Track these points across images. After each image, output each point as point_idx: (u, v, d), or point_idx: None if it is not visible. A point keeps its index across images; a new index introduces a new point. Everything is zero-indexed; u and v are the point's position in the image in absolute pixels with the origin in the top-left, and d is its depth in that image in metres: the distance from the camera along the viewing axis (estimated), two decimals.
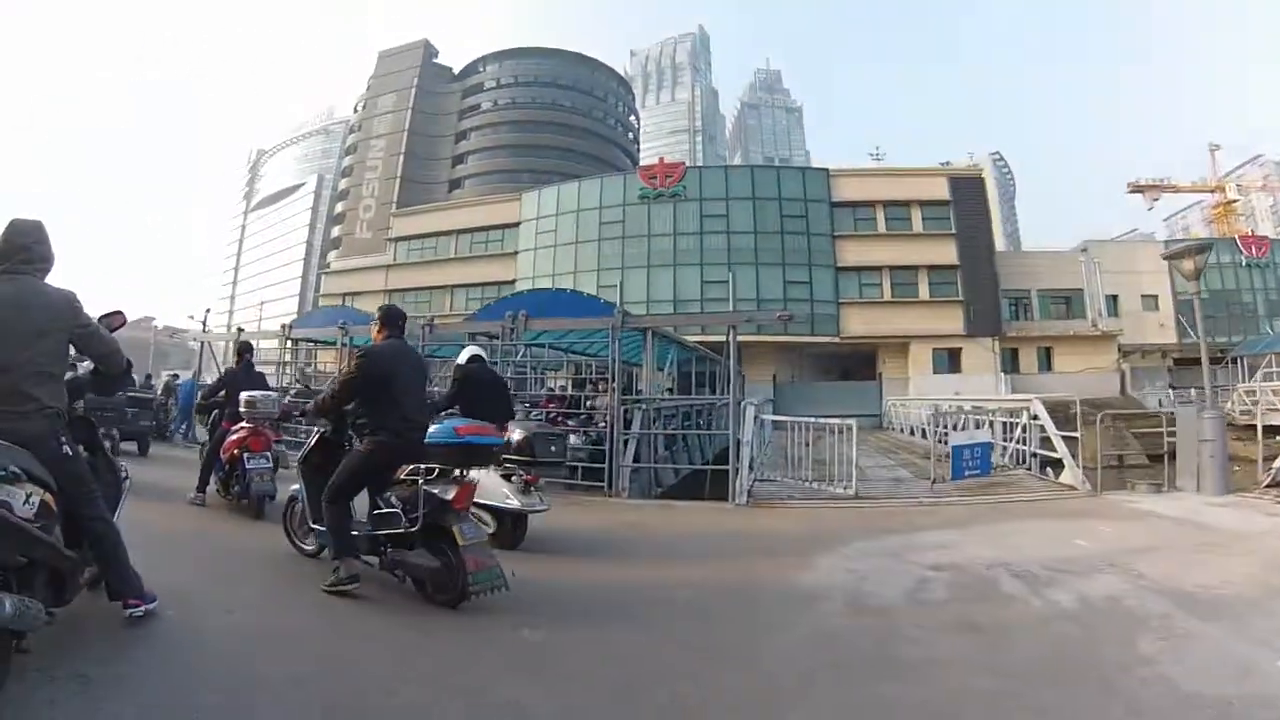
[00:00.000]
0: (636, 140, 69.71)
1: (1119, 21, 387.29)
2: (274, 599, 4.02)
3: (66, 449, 2.80)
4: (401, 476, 4.16)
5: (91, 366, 3.23)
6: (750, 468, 8.67)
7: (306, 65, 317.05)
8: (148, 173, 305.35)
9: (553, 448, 6.07)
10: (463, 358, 6.39)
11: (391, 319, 4.41)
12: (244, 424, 6.33)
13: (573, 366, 15.61)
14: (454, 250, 39.00)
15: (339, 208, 57.96)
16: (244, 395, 6.37)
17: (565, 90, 60.57)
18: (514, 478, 5.49)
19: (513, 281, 33.87)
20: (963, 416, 14.26)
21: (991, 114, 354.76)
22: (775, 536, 6.68)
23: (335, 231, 56.96)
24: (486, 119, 58.16)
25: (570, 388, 14.39)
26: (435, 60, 60.99)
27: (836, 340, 31.44)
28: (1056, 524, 6.79)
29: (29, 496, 2.36)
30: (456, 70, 61.64)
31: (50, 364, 2.80)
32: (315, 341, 16.78)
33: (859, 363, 32.94)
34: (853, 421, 9.10)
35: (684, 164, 40.44)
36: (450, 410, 5.57)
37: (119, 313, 3.33)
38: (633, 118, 70.78)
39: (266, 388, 7.42)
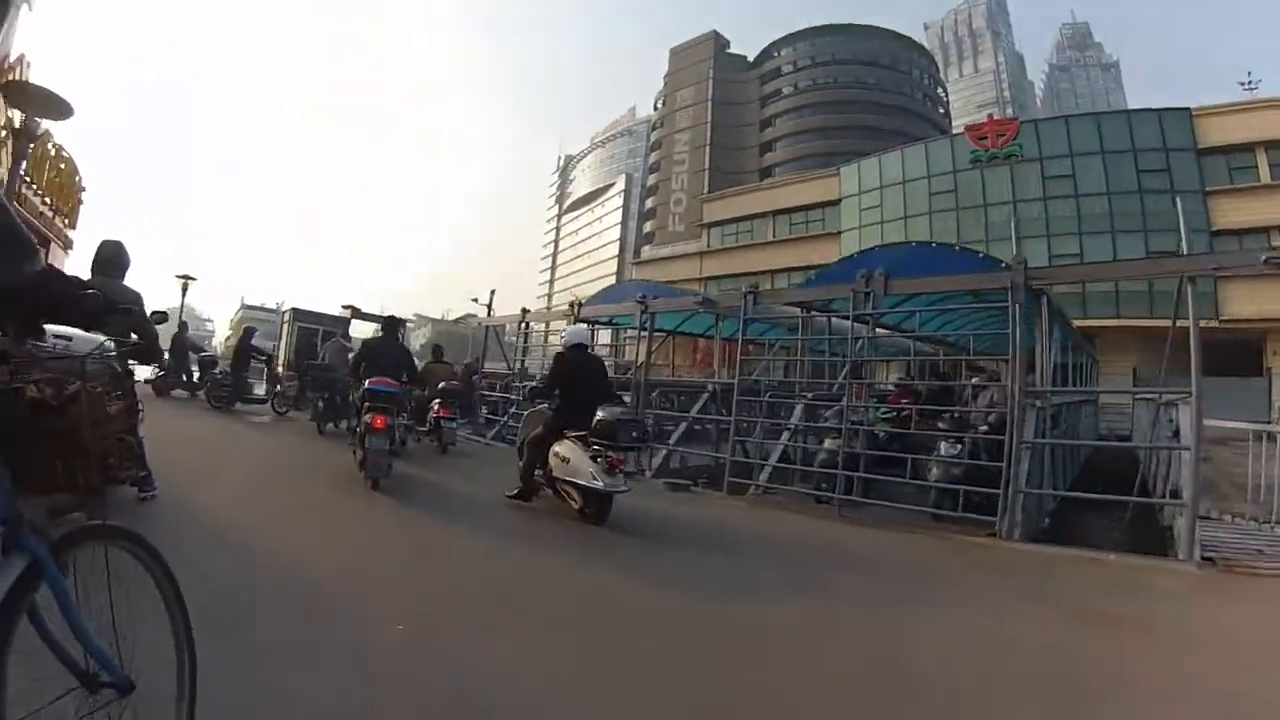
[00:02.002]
0: (947, 113, 65.68)
1: None
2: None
3: None
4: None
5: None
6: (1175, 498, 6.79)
7: (609, 69, 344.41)
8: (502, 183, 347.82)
9: (633, 433, 6.20)
10: (565, 344, 6.91)
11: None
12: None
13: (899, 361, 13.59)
14: (771, 233, 38.86)
15: (649, 203, 62.01)
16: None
17: (866, 66, 58.77)
18: (599, 459, 5.77)
19: (826, 266, 32.41)
20: None
21: None
22: None
23: (647, 227, 60.67)
24: (789, 104, 58.25)
25: (922, 375, 12.77)
26: (727, 51, 62.30)
27: (1215, 324, 24.63)
28: None
29: None
30: (750, 58, 62.54)
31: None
32: (608, 322, 15.00)
33: (1237, 354, 25.05)
34: None
35: (1017, 119, 35.49)
36: (554, 393, 6.46)
37: (163, 312, 4.85)
38: (940, 90, 66.81)
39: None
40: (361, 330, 16.86)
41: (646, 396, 11.03)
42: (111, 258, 4.79)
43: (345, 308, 17.58)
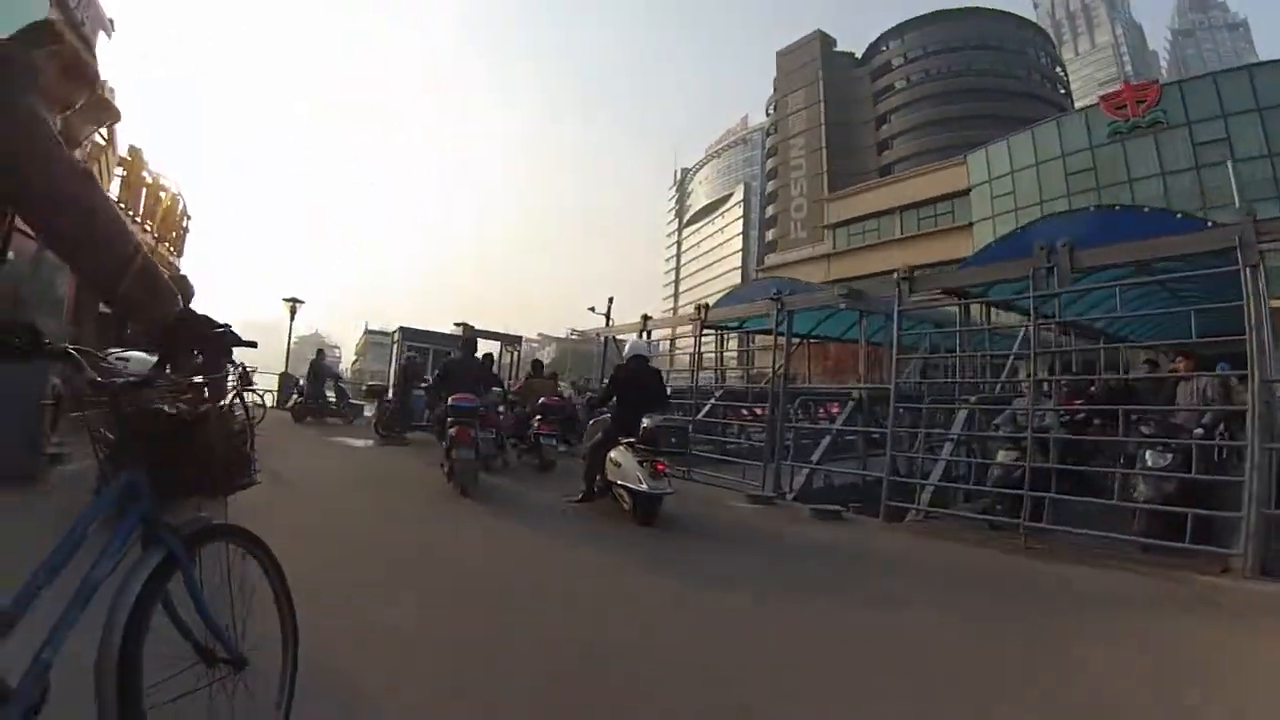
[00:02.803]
0: (1068, 94, 60.89)
1: None
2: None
3: None
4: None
5: None
6: None
7: (718, 81, 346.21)
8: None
9: (673, 439, 6.50)
10: (625, 355, 7.44)
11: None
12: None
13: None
14: (899, 229, 38.07)
15: (770, 211, 61.56)
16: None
17: (979, 51, 55.86)
18: (644, 464, 6.12)
19: (961, 261, 30.70)
20: None
21: None
22: None
23: (770, 235, 60.22)
24: (903, 98, 56.42)
25: (1090, 372, 10.30)
26: (835, 50, 61.17)
27: None
28: None
29: None
30: (859, 54, 61.12)
31: None
32: (736, 328, 14.00)
33: None
34: None
35: (1158, 82, 32.67)
36: (610, 402, 6.99)
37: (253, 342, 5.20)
38: (1058, 69, 62.22)
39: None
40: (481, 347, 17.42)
41: (785, 407, 9.67)
42: (182, 289, 5.66)
43: (458, 325, 17.67)
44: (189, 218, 16.15)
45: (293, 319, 20.17)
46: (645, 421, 6.37)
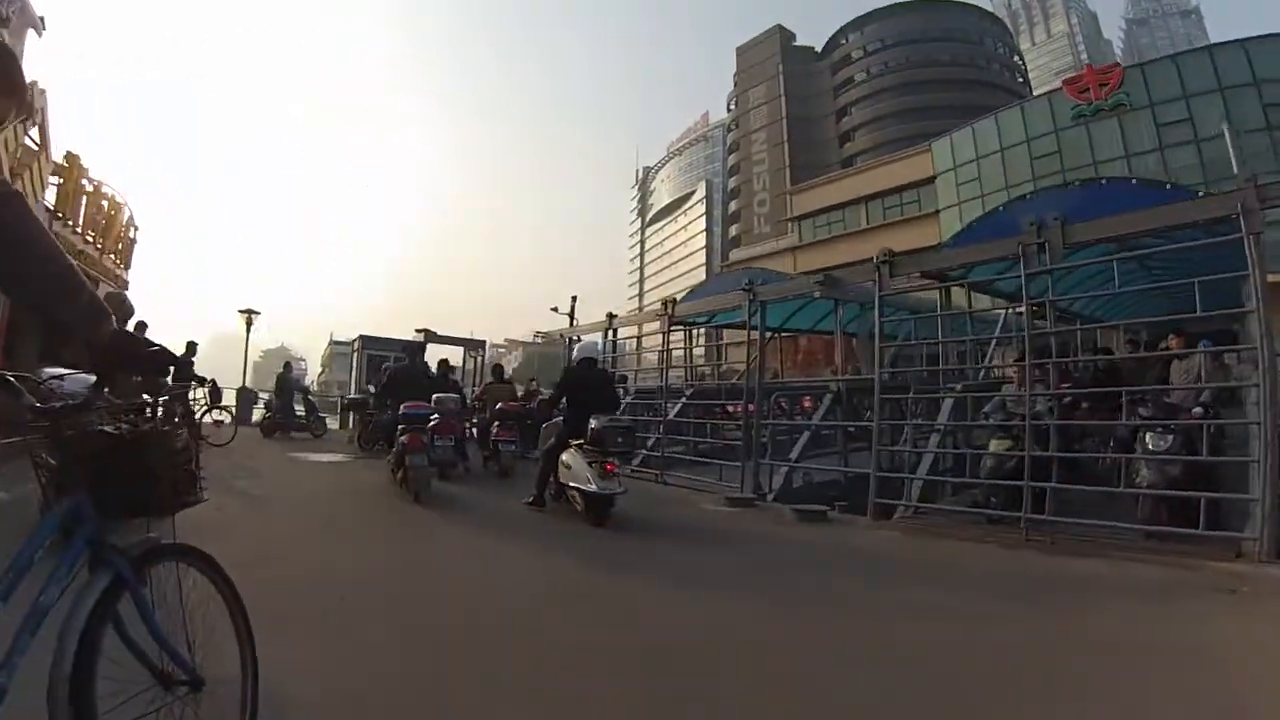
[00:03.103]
0: (1026, 83, 61.85)
1: None
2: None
3: None
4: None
5: None
6: None
7: (678, 78, 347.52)
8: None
9: (619, 439, 6.47)
10: (574, 357, 7.68)
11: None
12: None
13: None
14: (864, 220, 38.04)
15: (732, 206, 61.76)
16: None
17: (938, 43, 56.37)
18: (594, 464, 6.20)
19: (937, 247, 31.43)
20: None
21: None
22: None
23: (733, 231, 60.34)
24: (863, 90, 56.83)
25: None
26: (794, 44, 61.39)
27: None
28: None
29: None
30: (818, 48, 61.39)
31: None
32: (705, 323, 13.81)
33: None
34: None
35: (1119, 65, 32.99)
36: (561, 404, 7.01)
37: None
38: (1016, 58, 63.19)
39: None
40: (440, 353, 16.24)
41: (763, 403, 9.25)
42: (118, 309, 5.53)
43: (419, 331, 16.93)
44: (136, 228, 15.47)
45: (249, 330, 19.54)
46: (592, 423, 6.42)
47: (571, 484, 6.37)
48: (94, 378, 1.53)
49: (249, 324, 19.47)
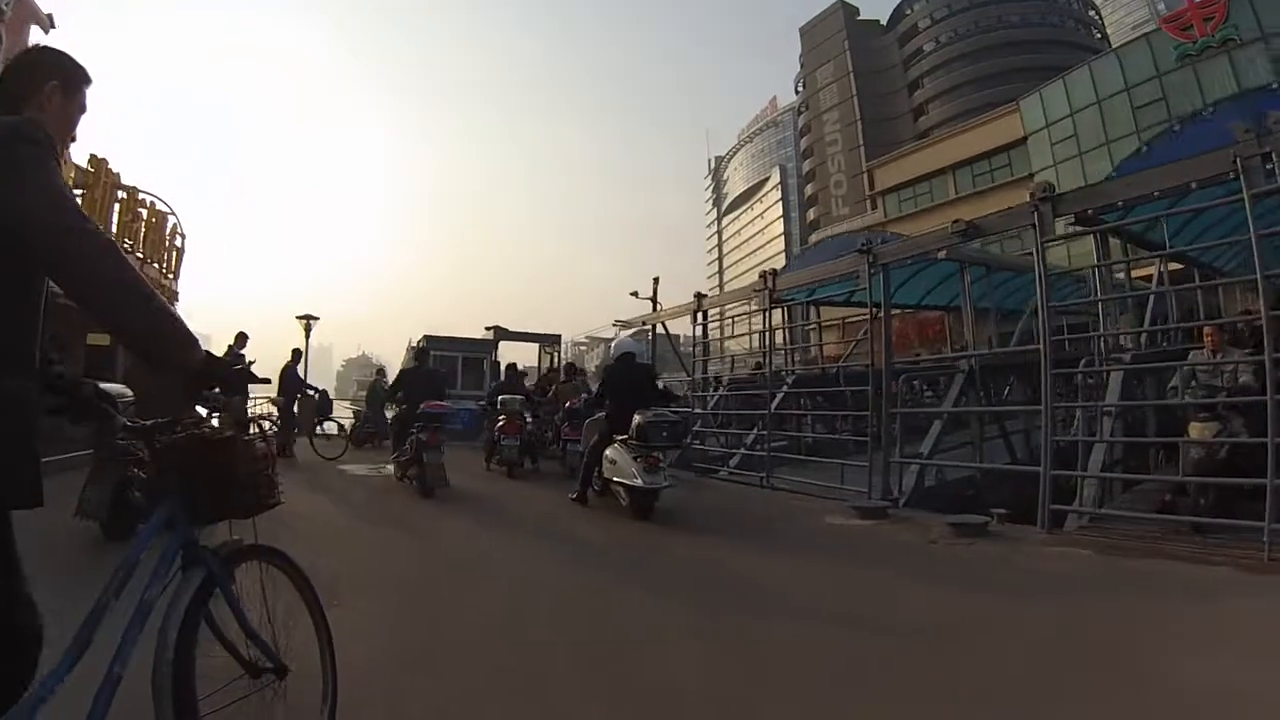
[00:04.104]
0: (1105, 38, 56.60)
1: None
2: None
3: None
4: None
5: None
6: None
7: (742, 66, 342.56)
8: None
9: (664, 433, 6.43)
10: (613, 354, 7.67)
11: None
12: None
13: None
14: (953, 190, 36.19)
15: (809, 190, 60.36)
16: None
17: (1008, 2, 52.57)
18: (639, 459, 6.22)
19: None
20: None
21: None
22: None
23: (810, 215, 58.89)
24: (934, 60, 53.91)
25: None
26: (858, 19, 59.24)
27: None
28: None
29: None
30: (884, 21, 58.91)
31: None
32: (807, 298, 12.54)
33: None
34: None
35: None
36: (604, 402, 7.10)
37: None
38: (1091, 12, 58.09)
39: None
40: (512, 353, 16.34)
41: (890, 387, 7.93)
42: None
43: (489, 329, 16.92)
44: (183, 236, 14.87)
45: (308, 337, 18.64)
46: (636, 418, 6.46)
47: (616, 479, 6.46)
48: (129, 391, 1.66)
49: (308, 330, 19.01)
